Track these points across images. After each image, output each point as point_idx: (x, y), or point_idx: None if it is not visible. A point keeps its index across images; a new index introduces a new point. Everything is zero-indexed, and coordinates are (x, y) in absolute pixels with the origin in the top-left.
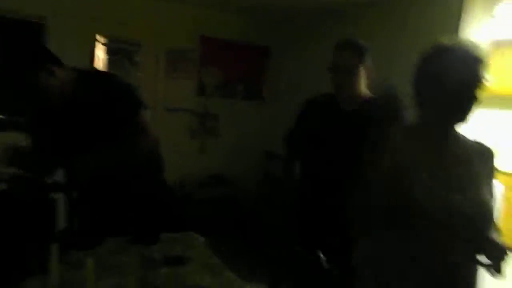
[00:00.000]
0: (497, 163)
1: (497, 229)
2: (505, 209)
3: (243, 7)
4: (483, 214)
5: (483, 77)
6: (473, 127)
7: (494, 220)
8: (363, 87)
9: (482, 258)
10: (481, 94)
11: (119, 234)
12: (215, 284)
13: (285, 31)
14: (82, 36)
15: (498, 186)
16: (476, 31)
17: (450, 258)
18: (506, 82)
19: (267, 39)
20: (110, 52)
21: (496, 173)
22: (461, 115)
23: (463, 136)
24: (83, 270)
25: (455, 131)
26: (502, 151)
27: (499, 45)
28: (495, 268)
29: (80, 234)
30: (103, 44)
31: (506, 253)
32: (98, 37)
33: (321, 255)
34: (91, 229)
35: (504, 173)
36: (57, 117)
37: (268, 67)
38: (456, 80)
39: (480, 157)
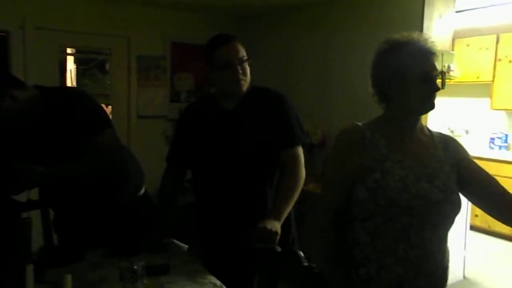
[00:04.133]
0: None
1: None
2: None
3: (207, 7)
4: (450, 201)
5: (440, 71)
6: (442, 115)
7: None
8: None
9: None
10: (440, 86)
11: (99, 247)
12: None
13: (250, 29)
14: (51, 48)
15: None
16: (439, 25)
17: (425, 247)
18: (470, 70)
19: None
20: (79, 62)
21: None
22: (423, 107)
23: (427, 127)
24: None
25: (420, 122)
26: (471, 136)
27: (462, 35)
28: None
29: (60, 250)
30: (72, 54)
31: None
32: (67, 48)
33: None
34: (70, 245)
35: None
36: (22, 135)
37: None
38: (414, 74)
39: (445, 146)
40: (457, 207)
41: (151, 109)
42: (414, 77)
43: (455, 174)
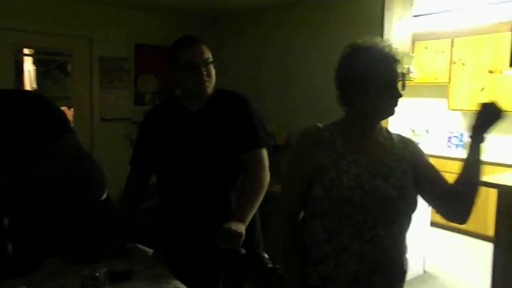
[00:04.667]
0: (424, 148)
1: None
2: None
3: (170, 9)
4: (404, 198)
5: (401, 73)
6: (404, 115)
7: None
8: None
9: None
10: (401, 88)
11: (59, 254)
12: None
13: (213, 31)
14: (3, 48)
15: None
16: (398, 28)
17: (380, 243)
18: (429, 71)
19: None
20: (39, 63)
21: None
22: (384, 112)
23: (387, 129)
24: None
25: (380, 124)
26: (431, 136)
27: (421, 38)
28: None
29: (15, 260)
30: (30, 55)
31: None
32: (24, 49)
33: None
34: (27, 253)
35: (432, 156)
36: None
37: None
38: (377, 80)
39: (404, 146)
40: (412, 205)
41: (115, 111)
42: (377, 83)
43: (412, 173)
